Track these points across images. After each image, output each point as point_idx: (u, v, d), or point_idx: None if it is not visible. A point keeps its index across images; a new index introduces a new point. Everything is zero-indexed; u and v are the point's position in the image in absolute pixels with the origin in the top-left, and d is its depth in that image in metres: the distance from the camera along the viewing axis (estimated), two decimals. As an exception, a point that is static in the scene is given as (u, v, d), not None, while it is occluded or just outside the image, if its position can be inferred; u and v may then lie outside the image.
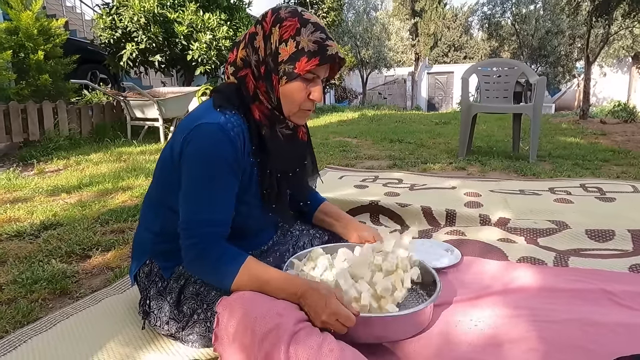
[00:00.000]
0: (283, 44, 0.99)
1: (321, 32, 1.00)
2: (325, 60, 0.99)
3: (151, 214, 1.16)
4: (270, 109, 1.05)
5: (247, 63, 1.05)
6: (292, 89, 1.01)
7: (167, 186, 1.09)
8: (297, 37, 0.98)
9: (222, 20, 6.12)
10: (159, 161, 1.13)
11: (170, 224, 1.11)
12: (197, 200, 0.99)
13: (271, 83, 1.02)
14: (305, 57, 0.98)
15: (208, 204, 0.99)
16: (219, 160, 0.98)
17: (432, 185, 2.65)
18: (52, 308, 1.33)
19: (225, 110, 1.02)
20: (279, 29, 0.99)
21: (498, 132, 5.80)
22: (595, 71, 14.40)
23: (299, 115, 1.08)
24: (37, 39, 4.70)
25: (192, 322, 1.03)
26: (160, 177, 1.13)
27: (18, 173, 3.36)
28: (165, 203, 1.11)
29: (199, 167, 0.98)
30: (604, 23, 6.86)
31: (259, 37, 1.02)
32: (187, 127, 1.01)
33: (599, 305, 1.20)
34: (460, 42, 23.56)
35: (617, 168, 3.28)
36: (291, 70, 0.99)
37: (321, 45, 0.99)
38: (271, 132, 1.06)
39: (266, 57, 1.01)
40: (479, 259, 1.53)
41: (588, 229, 1.72)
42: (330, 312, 0.92)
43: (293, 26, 0.98)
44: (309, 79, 1.02)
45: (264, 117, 1.06)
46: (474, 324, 1.14)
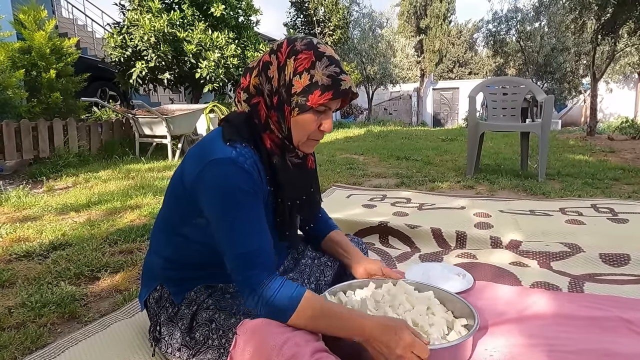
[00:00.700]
0: (297, 76, 0.98)
1: (335, 66, 1.00)
2: (338, 95, 0.99)
3: (162, 240, 1.16)
4: (281, 138, 1.05)
5: (259, 91, 1.05)
6: (303, 120, 1.01)
7: (179, 212, 1.08)
8: (312, 71, 0.98)
9: (230, 39, 6.22)
10: (170, 187, 1.13)
11: (181, 249, 1.11)
12: (232, 240, 0.97)
13: (283, 113, 1.02)
14: (319, 90, 0.98)
15: (243, 239, 0.97)
16: (240, 193, 0.97)
17: (440, 204, 2.63)
18: (60, 333, 1.32)
19: (234, 143, 1.01)
20: (294, 61, 0.99)
21: (505, 149, 5.78)
22: (602, 87, 14.40)
23: (307, 145, 1.08)
24: (50, 58, 4.80)
25: (206, 347, 1.01)
26: (171, 203, 1.13)
27: (28, 190, 3.38)
28: (176, 228, 1.10)
29: (223, 204, 0.97)
30: (610, 41, 6.88)
31: (273, 67, 1.02)
32: (199, 161, 1.00)
33: (617, 334, 1.17)
34: (465, 58, 23.75)
35: (628, 187, 3.25)
36: (304, 103, 0.99)
37: (335, 79, 0.98)
38: (282, 161, 1.07)
39: (279, 87, 1.01)
40: (491, 284, 1.51)
41: (602, 252, 1.69)
42: (405, 345, 0.90)
43: (308, 59, 0.98)
44: (321, 111, 1.02)
45: (275, 146, 1.06)
46: (489, 353, 1.12)
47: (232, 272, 0.98)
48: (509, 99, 3.90)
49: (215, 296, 1.10)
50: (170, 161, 4.96)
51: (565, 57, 11.65)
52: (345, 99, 1.06)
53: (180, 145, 5.19)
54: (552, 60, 11.58)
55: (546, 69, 11.78)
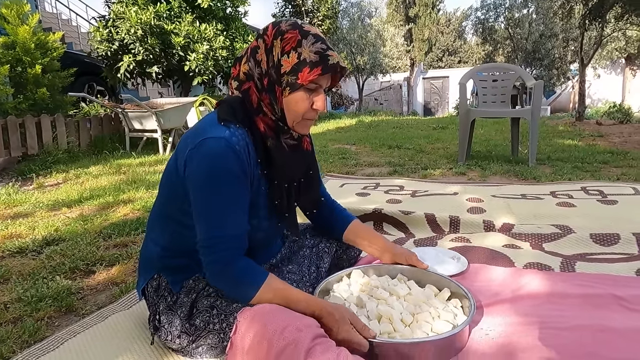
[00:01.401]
0: (285, 56, 1.00)
1: (322, 43, 1.01)
2: (327, 70, 1.00)
3: (158, 228, 1.16)
4: (275, 120, 1.06)
5: (249, 76, 1.06)
6: (295, 99, 1.02)
7: (174, 199, 1.09)
8: (299, 49, 0.99)
9: (219, 31, 6.15)
10: (164, 174, 1.13)
11: (178, 237, 1.11)
12: (213, 217, 0.99)
13: (275, 94, 1.03)
14: (308, 67, 0.99)
15: (224, 220, 1.00)
16: (227, 174, 0.99)
17: (433, 191, 2.65)
18: (58, 326, 1.32)
19: (229, 124, 1.02)
20: (280, 41, 1.00)
21: (496, 135, 5.83)
22: (590, 73, 14.51)
23: (302, 125, 1.08)
24: (35, 53, 4.71)
25: (206, 332, 1.02)
26: (166, 190, 1.13)
27: (17, 188, 3.35)
28: (172, 216, 1.10)
29: (208, 183, 0.98)
30: (597, 26, 6.93)
31: (261, 51, 1.03)
32: (192, 141, 1.01)
33: (609, 310, 1.19)
34: (455, 47, 23.75)
35: (616, 170, 3.29)
36: (294, 81, 1.00)
37: (322, 55, 1.00)
38: (276, 143, 1.07)
39: (269, 69, 1.02)
40: (485, 266, 1.53)
41: (593, 233, 1.72)
42: (342, 339, 0.95)
43: (294, 38, 0.99)
44: (312, 88, 1.03)
45: (269, 128, 1.06)
46: (485, 332, 1.14)
47: (202, 249, 1.00)
48: (498, 85, 3.92)
49: (214, 284, 1.10)
50: (162, 155, 4.92)
51: (553, 44, 11.71)
52: (335, 76, 1.08)
53: (170, 139, 5.15)
54: (540, 47, 11.64)
55: (535, 55, 11.85)
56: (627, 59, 14.23)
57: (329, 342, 0.91)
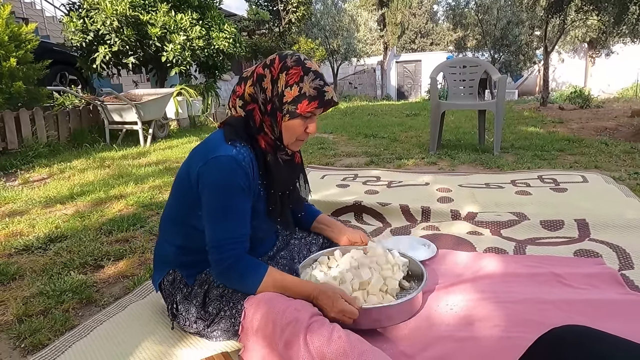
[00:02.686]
0: (288, 88, 1.19)
1: (320, 80, 1.21)
2: (322, 105, 1.21)
3: (172, 230, 1.34)
4: (274, 139, 1.26)
5: (254, 99, 1.25)
6: (293, 124, 1.22)
7: (187, 205, 1.27)
8: (301, 84, 1.18)
9: (195, 20, 6.16)
10: (176, 182, 1.32)
11: (192, 239, 1.30)
12: (221, 223, 1.19)
13: (276, 119, 1.23)
14: (307, 100, 1.19)
15: (230, 225, 1.19)
16: (235, 188, 1.18)
17: (407, 182, 2.90)
18: (82, 316, 1.49)
19: (235, 142, 1.21)
20: (285, 75, 1.19)
21: (465, 123, 6.14)
22: (555, 57, 15.08)
23: (295, 144, 1.30)
24: (8, 45, 4.65)
25: (219, 318, 1.23)
26: (178, 197, 1.31)
27: (3, 184, 3.40)
28: (186, 221, 1.29)
29: (219, 195, 1.18)
30: (559, 17, 7.28)
31: (267, 80, 1.22)
32: (204, 157, 1.20)
33: (549, 285, 1.47)
34: (427, 29, 24.05)
35: (570, 157, 3.63)
36: (294, 110, 1.20)
37: (320, 91, 1.20)
38: (274, 158, 1.28)
39: (273, 97, 1.21)
40: (452, 251, 1.79)
41: (542, 219, 2.00)
42: (338, 310, 1.16)
43: (297, 74, 1.19)
44: (307, 116, 1.23)
45: (268, 146, 1.26)
46: (450, 307, 1.39)
47: (212, 249, 1.19)
48: (466, 77, 4.19)
49: (223, 275, 1.30)
50: (142, 147, 5.00)
51: (520, 30, 12.13)
52: (327, 107, 1.27)
53: (150, 131, 5.21)
54: (508, 33, 12.04)
55: (503, 41, 12.25)
56: (589, 44, 14.86)
57: (324, 319, 1.13)
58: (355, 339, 1.07)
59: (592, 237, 1.85)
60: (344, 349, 1.02)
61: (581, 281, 1.47)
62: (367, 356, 1.01)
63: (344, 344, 1.04)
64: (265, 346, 1.12)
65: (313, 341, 1.05)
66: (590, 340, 0.76)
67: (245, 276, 1.19)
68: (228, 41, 6.51)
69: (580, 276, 1.51)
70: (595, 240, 1.81)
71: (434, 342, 1.21)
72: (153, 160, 4.19)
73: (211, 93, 7.20)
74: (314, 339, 1.05)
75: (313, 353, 1.03)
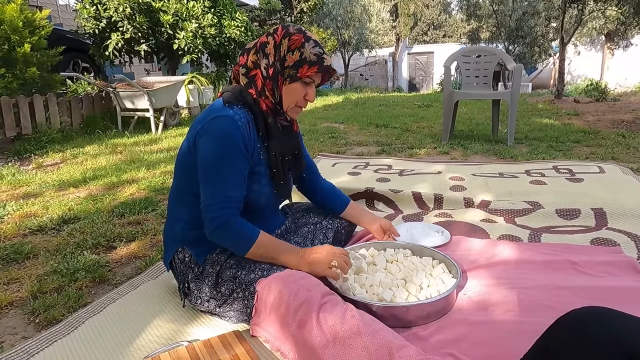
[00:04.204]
0: (290, 53, 1.23)
1: (320, 48, 1.25)
2: (322, 69, 1.25)
3: (178, 204, 1.35)
4: (274, 103, 1.29)
5: (257, 65, 1.29)
6: (293, 88, 1.26)
7: (190, 175, 1.28)
8: (302, 49, 1.23)
9: (207, 8, 6.14)
10: (179, 156, 1.34)
11: (196, 209, 1.29)
12: (215, 182, 1.20)
13: (277, 82, 1.26)
14: (307, 65, 1.23)
15: (225, 183, 1.20)
16: (231, 146, 1.19)
17: (419, 170, 2.87)
18: (95, 294, 1.50)
19: (232, 105, 1.24)
20: (287, 41, 1.23)
21: (478, 114, 6.06)
22: (570, 49, 14.78)
23: (294, 110, 1.33)
24: (23, 31, 4.68)
25: (232, 299, 1.22)
26: (182, 169, 1.33)
27: (18, 168, 3.45)
28: (189, 190, 1.29)
29: (214, 152, 1.19)
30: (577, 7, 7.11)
31: (270, 46, 1.25)
32: (202, 120, 1.23)
33: (564, 273, 1.44)
34: (440, 21, 23.72)
35: (587, 149, 3.56)
36: (294, 74, 1.24)
37: (320, 57, 1.24)
38: (274, 122, 1.31)
39: (275, 61, 1.25)
40: (465, 238, 1.76)
41: (558, 208, 1.96)
42: (327, 253, 1.23)
43: (299, 40, 1.23)
44: (307, 82, 1.27)
45: (269, 109, 1.29)
46: (463, 292, 1.37)
47: (206, 207, 1.20)
48: (481, 67, 4.12)
49: (235, 256, 1.29)
50: (154, 134, 5.02)
51: (536, 21, 11.88)
52: (326, 75, 1.31)
53: (162, 118, 5.23)
54: (523, 25, 11.79)
55: (518, 33, 12.00)
56: (606, 36, 14.53)
57: (337, 298, 1.12)
58: (368, 318, 1.06)
59: (610, 226, 1.81)
60: (358, 328, 1.01)
61: (598, 269, 1.44)
62: (380, 334, 1.00)
63: (358, 322, 1.03)
64: (279, 327, 1.12)
65: (327, 320, 1.04)
66: (613, 318, 0.74)
67: (238, 237, 1.21)
68: (239, 30, 6.49)
69: (596, 264, 1.48)
70: (613, 229, 1.78)
71: (447, 325, 1.20)
72: (164, 147, 4.21)
73: (222, 82, 7.19)
74: (328, 318, 1.05)
75: (326, 332, 1.03)
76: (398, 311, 1.21)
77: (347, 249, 1.53)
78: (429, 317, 1.23)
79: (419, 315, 1.22)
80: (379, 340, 0.99)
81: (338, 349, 1.01)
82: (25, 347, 1.18)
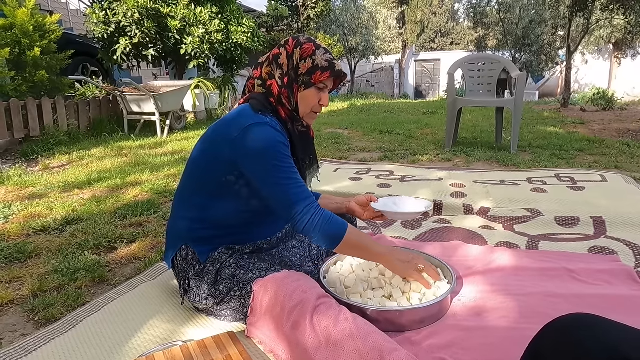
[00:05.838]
0: (302, 61, 1.27)
1: (330, 55, 1.30)
2: (334, 74, 1.29)
3: (186, 203, 1.35)
4: (290, 110, 1.32)
5: (271, 76, 1.31)
6: (308, 95, 1.30)
7: (205, 177, 1.28)
8: (313, 57, 1.26)
9: (214, 14, 6.21)
10: (191, 160, 1.34)
11: (207, 209, 1.31)
12: (285, 184, 1.20)
13: (292, 90, 1.29)
14: (319, 71, 1.27)
15: (294, 183, 1.21)
16: (280, 147, 1.21)
17: (421, 176, 2.88)
18: (94, 294, 1.52)
19: (265, 113, 1.26)
20: (299, 50, 1.27)
21: (483, 122, 6.05)
22: (578, 58, 14.73)
23: (310, 116, 1.36)
24: (33, 35, 4.76)
25: (229, 298, 1.24)
26: (196, 170, 1.33)
27: (24, 169, 3.50)
28: (203, 191, 1.29)
29: (270, 157, 1.19)
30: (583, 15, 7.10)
31: (283, 56, 1.29)
32: (237, 127, 1.21)
33: (561, 280, 1.44)
34: (447, 28, 23.76)
35: (590, 157, 3.55)
36: (308, 81, 1.27)
37: (331, 63, 1.28)
38: (292, 127, 1.33)
39: (289, 70, 1.28)
40: (463, 244, 1.76)
41: (557, 216, 1.96)
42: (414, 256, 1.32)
43: (310, 49, 1.27)
44: (320, 88, 1.30)
45: (287, 116, 1.32)
46: (458, 298, 1.37)
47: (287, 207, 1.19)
48: (485, 75, 4.12)
49: (235, 256, 1.31)
50: (160, 138, 5.07)
51: (542, 30, 11.87)
52: (337, 80, 1.34)
53: (168, 122, 5.28)
54: (530, 33, 11.79)
55: (524, 41, 12.01)
56: (614, 45, 14.47)
57: (331, 301, 1.14)
58: (361, 321, 1.07)
59: (609, 234, 1.80)
60: (351, 330, 1.02)
61: (595, 277, 1.44)
62: (372, 338, 1.01)
63: (351, 325, 1.04)
64: (273, 328, 1.13)
65: (320, 322, 1.05)
66: (600, 324, 0.74)
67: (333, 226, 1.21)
68: (246, 35, 6.55)
69: (593, 272, 1.47)
70: (612, 237, 1.77)
71: (440, 330, 1.20)
72: (169, 151, 4.25)
73: (228, 87, 7.25)
74: (321, 320, 1.06)
75: (319, 334, 1.04)
76: (392, 315, 1.21)
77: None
78: (423, 322, 1.23)
79: (412, 319, 1.22)
80: (370, 343, 1.00)
81: (330, 350, 1.02)
82: (23, 344, 1.20)
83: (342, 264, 1.49)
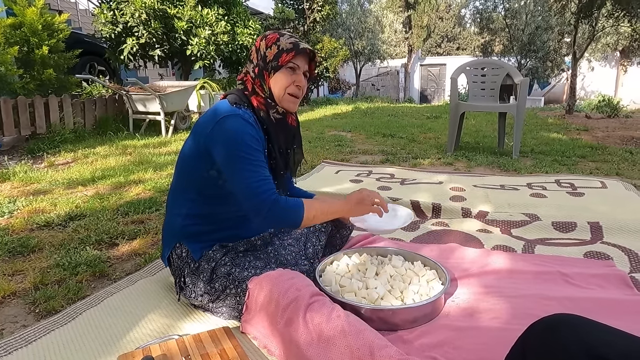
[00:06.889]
0: (268, 49, 1.32)
1: (294, 38, 1.35)
2: (299, 52, 1.32)
3: (178, 200, 1.38)
4: (265, 97, 1.35)
5: (247, 72, 1.38)
6: (278, 78, 1.33)
7: (193, 173, 1.32)
8: (278, 42, 1.32)
9: (220, 16, 6.27)
10: (181, 156, 1.38)
11: (196, 205, 1.34)
12: (248, 171, 1.23)
13: (263, 78, 1.34)
14: (285, 53, 1.31)
15: (257, 171, 1.24)
16: (247, 138, 1.24)
17: (421, 180, 2.89)
18: (94, 288, 1.55)
19: (238, 106, 1.30)
20: (264, 41, 1.34)
21: (486, 127, 6.06)
22: (584, 65, 14.70)
23: (287, 100, 1.36)
24: (42, 34, 4.83)
25: (224, 295, 1.26)
26: (185, 167, 1.37)
27: (30, 166, 3.54)
28: (191, 188, 1.33)
29: (236, 147, 1.22)
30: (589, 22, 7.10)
31: (253, 52, 1.36)
32: (211, 120, 1.27)
33: (554, 284, 1.45)
34: (454, 33, 23.76)
35: (592, 164, 3.55)
36: (276, 65, 1.32)
37: (295, 44, 1.32)
38: (267, 116, 1.35)
39: (258, 61, 1.34)
40: (459, 247, 1.78)
41: (554, 221, 1.97)
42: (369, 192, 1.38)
43: (274, 37, 1.34)
44: (292, 68, 1.33)
45: (261, 104, 1.35)
46: (452, 299, 1.39)
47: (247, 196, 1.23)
48: (488, 80, 4.14)
49: (230, 255, 1.34)
50: (164, 137, 5.11)
51: (548, 36, 11.87)
52: (311, 64, 1.38)
53: (172, 122, 5.33)
54: (536, 39, 11.79)
55: (530, 47, 12.00)
56: (621, 52, 14.43)
57: (325, 298, 1.16)
58: (353, 319, 1.09)
59: (605, 240, 1.81)
60: (343, 327, 1.04)
61: (588, 281, 1.45)
62: (364, 335, 1.03)
63: (343, 322, 1.06)
64: (267, 325, 1.15)
65: (313, 319, 1.07)
66: (582, 324, 0.76)
67: (289, 210, 1.25)
68: (252, 37, 6.60)
69: (587, 276, 1.48)
70: (608, 243, 1.78)
71: (433, 329, 1.22)
72: (173, 150, 4.29)
73: (233, 87, 7.29)
74: (314, 317, 1.08)
75: (312, 330, 1.06)
76: (385, 314, 1.23)
77: (342, 253, 1.56)
78: (416, 321, 1.25)
79: (405, 318, 1.24)
80: (361, 340, 1.02)
81: (322, 346, 1.04)
82: (23, 334, 1.23)
83: (338, 263, 1.51)
